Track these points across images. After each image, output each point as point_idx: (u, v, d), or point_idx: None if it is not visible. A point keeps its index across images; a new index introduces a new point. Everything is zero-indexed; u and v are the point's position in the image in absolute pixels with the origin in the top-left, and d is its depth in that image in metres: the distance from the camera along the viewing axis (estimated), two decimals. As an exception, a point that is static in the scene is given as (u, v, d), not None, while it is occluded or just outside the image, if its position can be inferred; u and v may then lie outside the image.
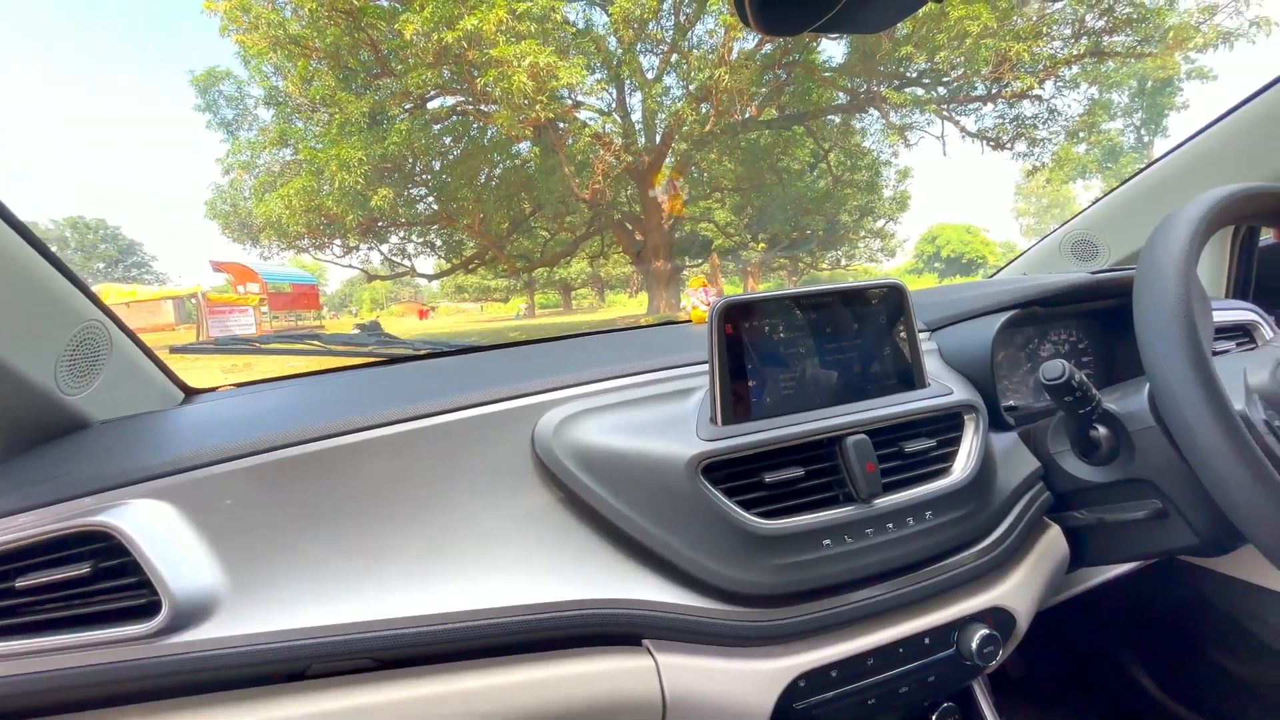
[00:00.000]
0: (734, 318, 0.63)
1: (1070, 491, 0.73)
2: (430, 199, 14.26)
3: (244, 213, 12.85)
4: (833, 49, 12.68)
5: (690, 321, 1.14)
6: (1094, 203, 1.18)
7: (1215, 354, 0.61)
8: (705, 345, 0.63)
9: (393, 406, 0.63)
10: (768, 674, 0.58)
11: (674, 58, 12.36)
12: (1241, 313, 0.93)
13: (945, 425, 0.69)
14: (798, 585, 0.59)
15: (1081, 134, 12.39)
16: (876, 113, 12.64)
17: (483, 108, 12.23)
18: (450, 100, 12.97)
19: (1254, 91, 0.91)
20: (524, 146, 13.29)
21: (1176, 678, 1.14)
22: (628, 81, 12.78)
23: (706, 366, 0.71)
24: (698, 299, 1.09)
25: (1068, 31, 10.63)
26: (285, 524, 0.56)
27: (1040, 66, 10.70)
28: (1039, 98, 11.45)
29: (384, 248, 15.76)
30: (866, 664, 0.62)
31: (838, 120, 13.27)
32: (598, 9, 13.52)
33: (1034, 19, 10.37)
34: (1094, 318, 0.96)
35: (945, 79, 11.66)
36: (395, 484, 0.59)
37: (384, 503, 0.58)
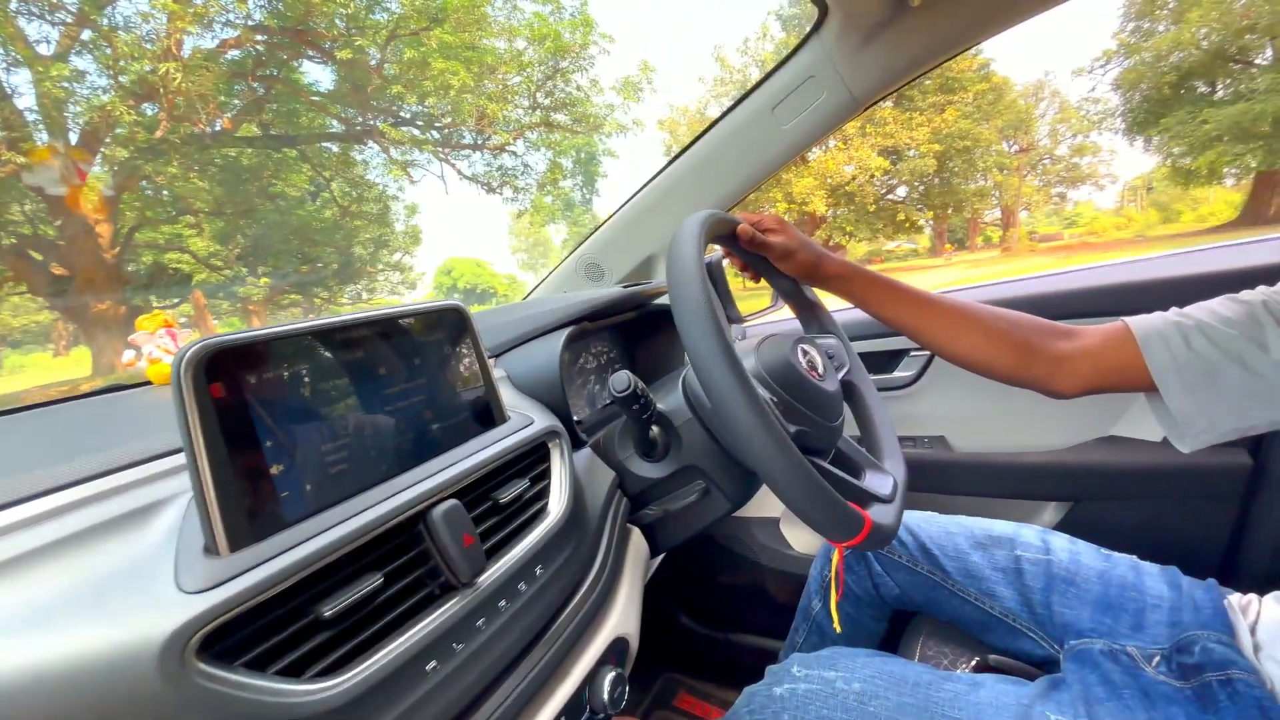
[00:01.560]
0: (225, 370, 0.38)
1: (640, 491, 0.77)
2: None
3: None
4: (318, 73, 11.92)
5: (147, 384, 0.74)
6: (591, 233, 1.36)
7: None
8: (174, 423, 0.36)
9: None
10: None
11: (87, 34, 9.17)
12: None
13: (534, 459, 0.61)
14: None
15: (547, 188, 15.38)
16: (376, 146, 12.54)
17: None
18: None
19: (679, 151, 1.20)
20: None
21: (701, 607, 1.43)
22: (0, 52, 8.78)
23: (182, 459, 0.43)
24: (154, 346, 0.69)
25: (526, 103, 13.02)
26: None
27: (511, 127, 12.77)
28: (515, 154, 13.65)
29: None
30: None
31: (336, 149, 12.54)
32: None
33: (501, 87, 12.26)
34: (618, 329, 1.09)
35: (437, 124, 12.54)
36: None
37: None
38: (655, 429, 0.75)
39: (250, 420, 0.39)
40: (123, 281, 10.56)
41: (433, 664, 0.42)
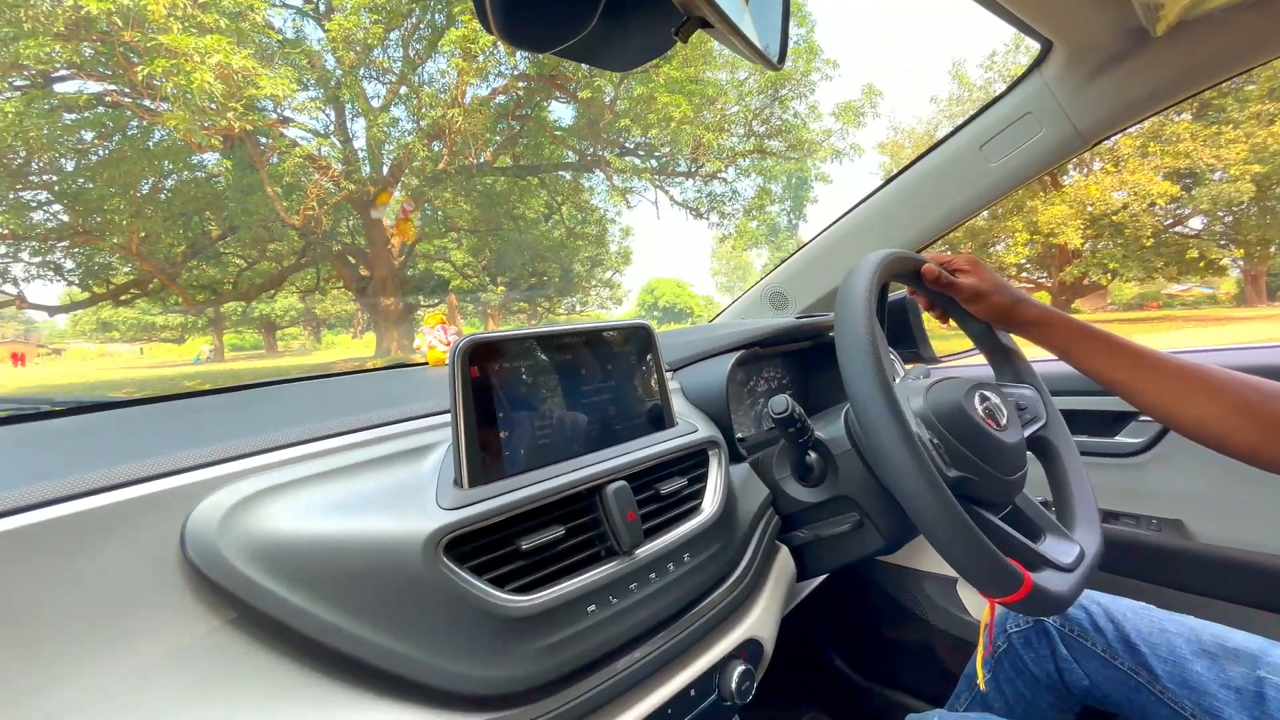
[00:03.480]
0: (480, 358, 0.54)
1: (793, 513, 0.81)
2: (56, 207, 10.75)
3: None
4: (562, 111, 13.68)
5: (425, 365, 1.00)
6: (780, 264, 1.41)
7: None
8: (444, 392, 0.52)
9: None
10: None
11: (403, 90, 11.78)
12: (885, 352, 1.20)
13: (694, 463, 0.70)
14: (562, 668, 0.51)
15: (754, 213, 15.51)
16: (602, 174, 13.93)
17: (146, 103, 9.81)
18: (95, 86, 10.11)
19: (877, 186, 1.20)
20: (210, 158, 11.04)
21: (861, 657, 1.38)
22: (349, 105, 11.71)
23: (446, 418, 0.59)
24: (434, 337, 0.95)
25: (741, 131, 13.37)
26: None
27: (724, 155, 13.20)
28: (725, 180, 14.08)
29: (-36, 267, 11.24)
30: None
31: (569, 177, 14.22)
32: (312, 23, 12.21)
33: (719, 116, 12.78)
34: (794, 356, 1.13)
35: (656, 153, 13.51)
36: None
37: None
38: (813, 455, 0.78)
39: (491, 397, 0.54)
40: (403, 284, 13.25)
41: (592, 607, 0.53)
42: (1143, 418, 1.07)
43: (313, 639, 0.43)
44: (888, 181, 1.13)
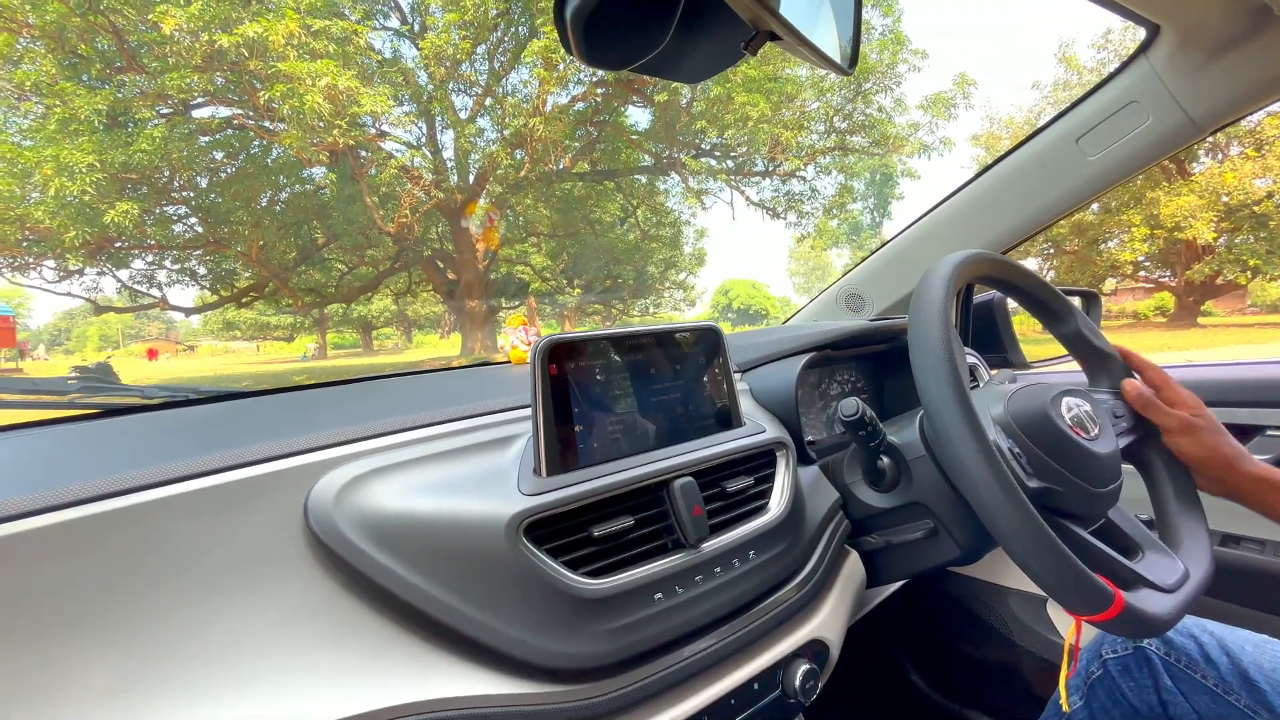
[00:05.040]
0: (558, 357, 0.58)
1: (864, 518, 0.80)
2: (193, 220, 12.09)
3: (-109, 216, 9.63)
4: (639, 115, 13.82)
5: (508, 363, 1.06)
6: (858, 264, 1.38)
7: None
8: (524, 388, 0.56)
9: (83, 478, 0.45)
10: None
11: (488, 101, 12.36)
12: (967, 356, 1.14)
13: (761, 462, 0.71)
14: (629, 650, 0.54)
15: (834, 211, 15.02)
16: (678, 176, 13.96)
17: (267, 124, 10.86)
18: (225, 111, 11.31)
19: (961, 184, 1.15)
20: (318, 171, 12.04)
21: (938, 673, 1.32)
22: (439, 118, 12.42)
23: (527, 411, 0.64)
24: (517, 338, 1.01)
25: (822, 128, 12.98)
26: None
27: (804, 153, 12.86)
28: (804, 178, 13.72)
29: (123, 274, 12.84)
30: None
31: (644, 180, 14.36)
32: (407, 42, 13.05)
33: (798, 114, 12.48)
34: (868, 359, 1.11)
35: (733, 154, 13.39)
36: (79, 592, 0.42)
37: (63, 621, 0.41)
38: (885, 460, 0.77)
39: (568, 393, 0.58)
40: (486, 287, 13.89)
41: (659, 595, 0.56)
42: (1270, 432, 0.97)
43: (410, 605, 0.49)
44: (973, 179, 1.09)
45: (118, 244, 11.07)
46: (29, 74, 9.29)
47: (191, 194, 11.60)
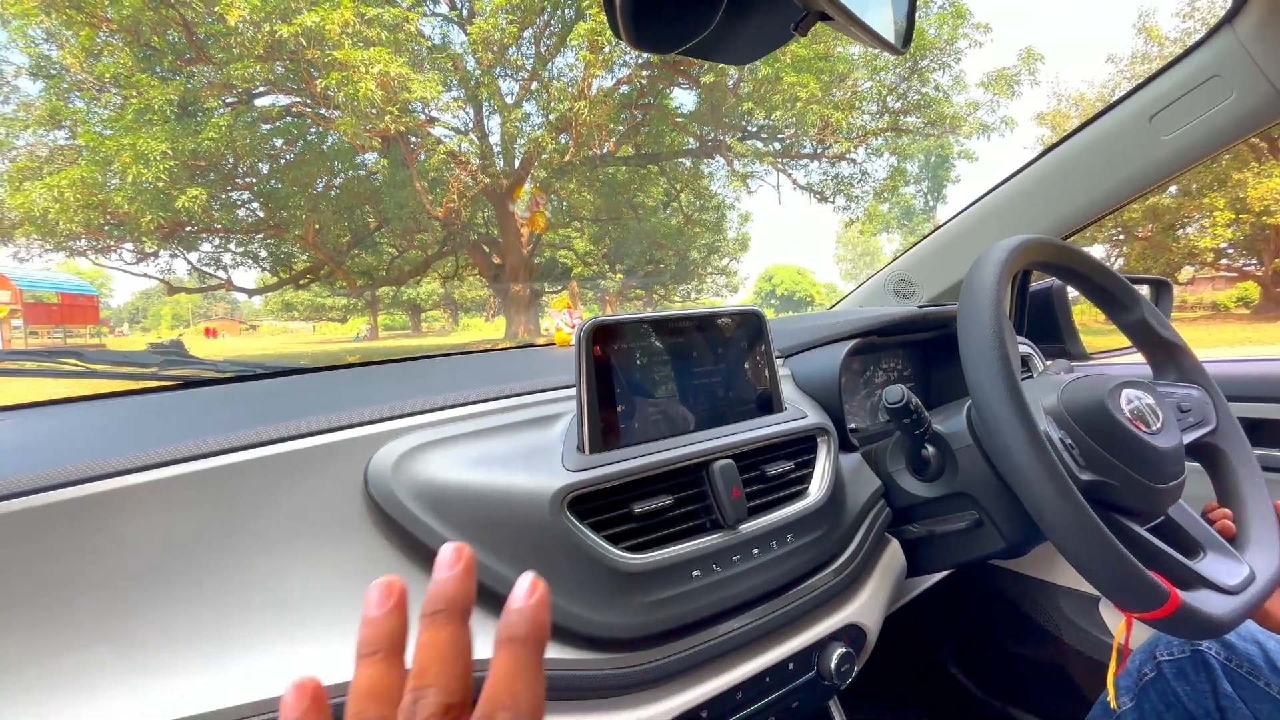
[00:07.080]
0: (602, 339, 0.59)
1: (906, 507, 0.79)
2: (255, 205, 12.66)
3: (-11, 202, 10.43)
4: (684, 98, 13.63)
5: (552, 345, 1.09)
6: (909, 249, 1.34)
7: None
8: (568, 369, 0.58)
9: (169, 442, 0.49)
10: None
11: (534, 86, 12.40)
12: (1021, 346, 1.10)
13: (802, 448, 0.71)
14: (667, 623, 0.55)
15: (885, 195, 14.51)
16: (722, 160, 13.73)
17: (323, 111, 11.22)
18: (284, 99, 11.74)
19: (1021, 165, 1.10)
20: (370, 157, 12.40)
21: (981, 668, 1.30)
22: (486, 103, 12.55)
23: (571, 391, 0.66)
24: (561, 320, 1.04)
25: (874, 108, 12.50)
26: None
27: (854, 134, 12.43)
28: (854, 161, 13.27)
29: (193, 256, 13.61)
30: (735, 698, 0.60)
31: (688, 164, 14.18)
32: (456, 27, 13.21)
33: (849, 94, 12.05)
34: (916, 347, 1.08)
35: (780, 136, 13.05)
36: (163, 543, 0.46)
37: (148, 569, 0.45)
38: (930, 449, 0.76)
39: (611, 374, 0.59)
40: (530, 271, 14.07)
41: (696, 573, 0.57)
42: None
43: None
44: (1035, 160, 1.04)
45: (188, 228, 11.70)
46: (108, 66, 9.85)
47: (254, 180, 12.13)
